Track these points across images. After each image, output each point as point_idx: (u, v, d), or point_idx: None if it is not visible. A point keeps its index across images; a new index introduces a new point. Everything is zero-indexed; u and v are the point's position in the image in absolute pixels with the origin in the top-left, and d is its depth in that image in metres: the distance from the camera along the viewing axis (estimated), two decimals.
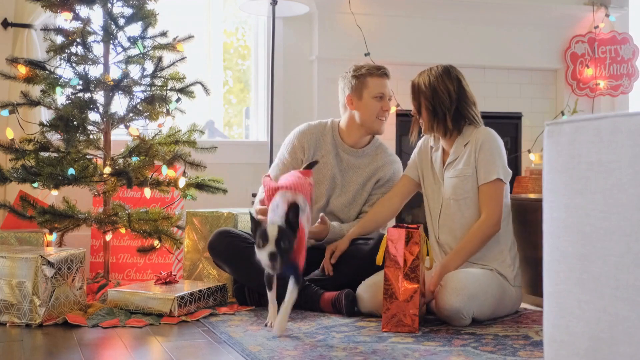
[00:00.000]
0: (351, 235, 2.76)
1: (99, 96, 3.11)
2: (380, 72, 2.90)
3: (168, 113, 3.20)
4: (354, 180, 2.94)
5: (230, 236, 2.80)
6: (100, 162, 3.14)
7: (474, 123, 2.66)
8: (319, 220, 2.80)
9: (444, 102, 2.62)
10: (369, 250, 2.65)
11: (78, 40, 3.05)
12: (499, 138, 2.64)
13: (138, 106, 3.14)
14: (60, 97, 3.06)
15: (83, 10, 3.12)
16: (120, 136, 3.60)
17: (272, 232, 2.14)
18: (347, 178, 2.94)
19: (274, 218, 2.25)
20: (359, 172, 2.95)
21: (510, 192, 4.33)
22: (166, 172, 3.12)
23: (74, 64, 3.07)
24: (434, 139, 2.75)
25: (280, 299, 2.32)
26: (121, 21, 3.11)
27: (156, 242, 3.14)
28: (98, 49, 3.15)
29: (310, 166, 2.69)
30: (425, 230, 2.71)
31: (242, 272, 2.76)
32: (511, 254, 2.62)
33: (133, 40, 3.13)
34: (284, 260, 2.15)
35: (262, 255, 2.16)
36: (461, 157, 2.63)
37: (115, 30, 3.09)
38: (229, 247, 2.77)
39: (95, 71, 3.10)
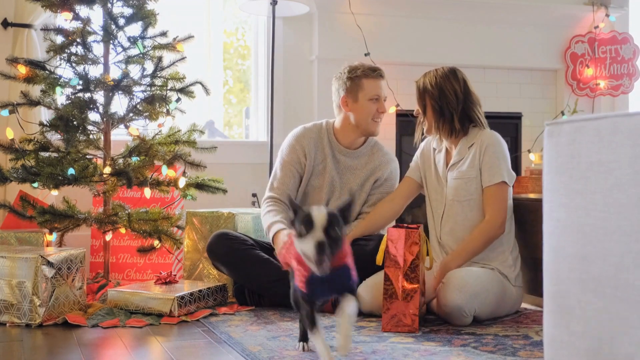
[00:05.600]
0: (353, 236, 2.74)
1: (99, 96, 3.11)
2: (375, 73, 2.87)
3: (168, 113, 3.20)
4: (352, 181, 2.92)
5: (229, 239, 2.80)
6: (100, 162, 3.14)
7: (479, 125, 2.67)
8: None
9: (451, 102, 2.63)
10: (369, 251, 2.64)
11: (78, 40, 3.05)
12: (504, 142, 2.65)
13: (138, 106, 3.14)
14: (60, 97, 3.06)
15: (83, 10, 3.12)
16: (120, 136, 3.60)
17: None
18: (345, 179, 2.92)
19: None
20: (356, 173, 2.92)
21: None
22: (166, 172, 3.12)
23: (74, 64, 3.07)
24: (437, 140, 2.75)
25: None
26: (121, 21, 3.11)
27: (156, 242, 3.14)
28: (98, 49, 3.15)
29: None
30: (426, 231, 2.70)
31: (242, 274, 2.76)
32: (513, 255, 2.63)
33: (133, 40, 3.13)
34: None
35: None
36: (465, 159, 2.63)
37: (115, 30, 3.09)
38: (228, 250, 2.77)
39: (95, 71, 3.10)
